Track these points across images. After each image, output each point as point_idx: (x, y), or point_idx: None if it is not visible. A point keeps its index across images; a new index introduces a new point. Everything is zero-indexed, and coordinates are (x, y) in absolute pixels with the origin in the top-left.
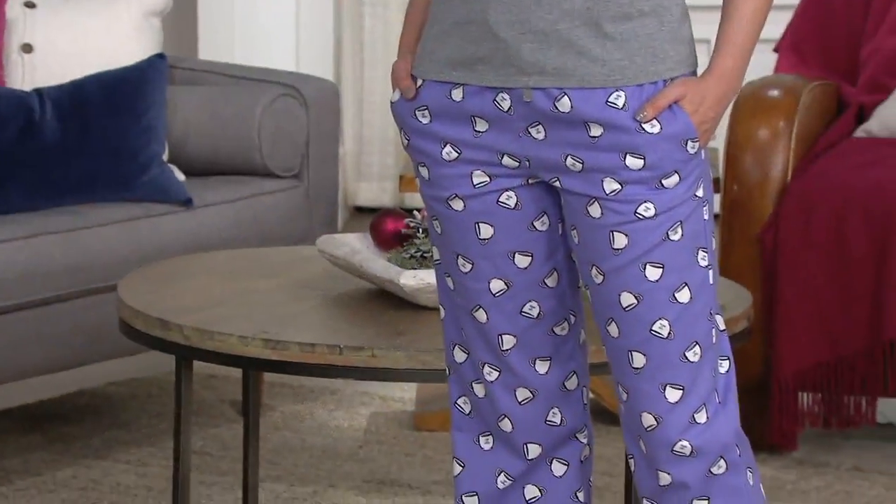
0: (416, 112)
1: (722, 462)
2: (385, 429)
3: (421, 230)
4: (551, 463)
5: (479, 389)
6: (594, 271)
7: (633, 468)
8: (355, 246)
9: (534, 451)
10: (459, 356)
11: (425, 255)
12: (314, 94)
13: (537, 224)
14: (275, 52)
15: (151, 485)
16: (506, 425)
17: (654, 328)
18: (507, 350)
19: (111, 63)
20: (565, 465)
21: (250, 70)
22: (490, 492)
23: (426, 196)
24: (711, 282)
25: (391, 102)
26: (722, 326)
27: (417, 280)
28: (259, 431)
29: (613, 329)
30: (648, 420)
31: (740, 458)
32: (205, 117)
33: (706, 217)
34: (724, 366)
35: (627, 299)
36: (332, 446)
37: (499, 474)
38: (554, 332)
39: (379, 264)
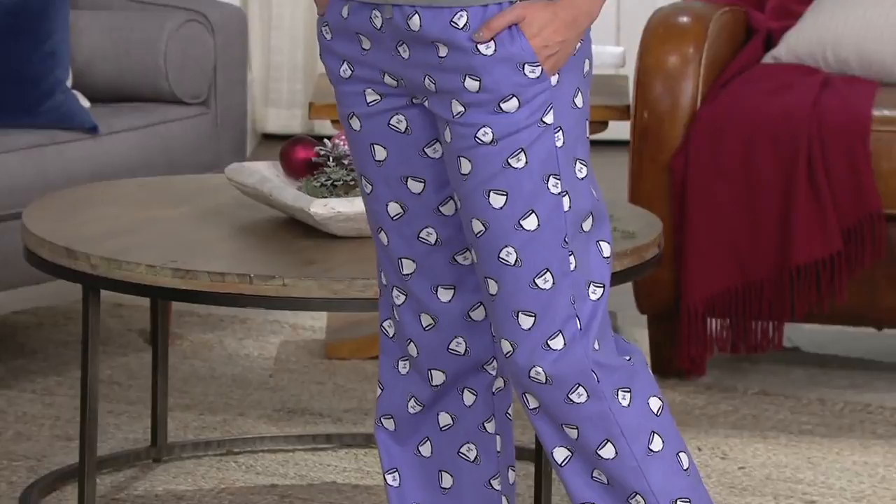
0: (322, 28)
1: (581, 390)
2: (295, 357)
3: (331, 158)
4: (462, 392)
5: (397, 312)
6: (456, 197)
7: None
8: (265, 174)
9: (438, 377)
10: (385, 279)
11: (336, 183)
12: (221, 20)
13: (429, 151)
14: None
15: (58, 414)
16: (412, 350)
17: (500, 255)
18: (408, 275)
19: None
20: (474, 394)
21: None
22: (403, 416)
23: (339, 114)
24: (567, 209)
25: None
26: (606, 254)
27: (328, 209)
28: (168, 360)
29: (473, 256)
30: (506, 346)
31: (600, 385)
32: (109, 43)
33: (559, 144)
34: (597, 293)
35: (476, 226)
36: (241, 375)
37: (409, 399)
38: (456, 260)
39: (289, 193)
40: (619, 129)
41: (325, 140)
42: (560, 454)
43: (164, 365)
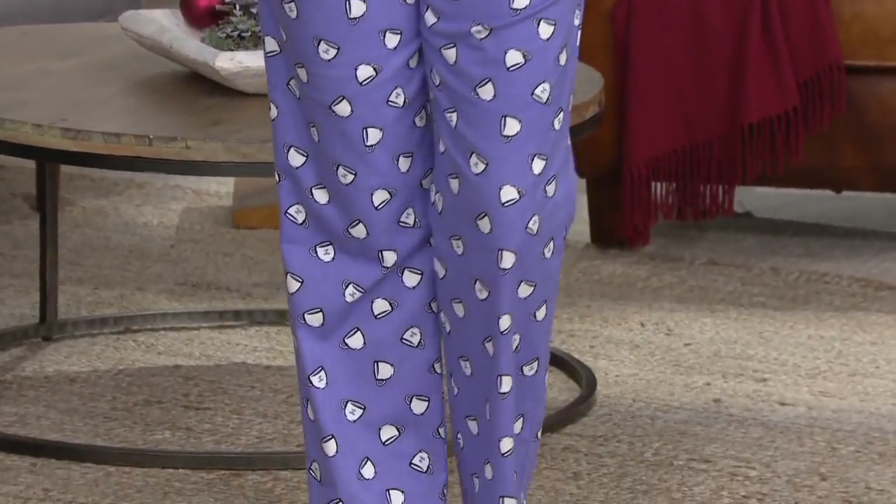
0: None
1: (552, 244)
2: (199, 226)
3: (238, 7)
4: (402, 273)
5: (320, 195)
6: (476, 28)
7: (460, 250)
8: (164, 23)
9: (390, 258)
10: (296, 159)
11: (243, 34)
12: None
13: None
14: None
15: None
16: (359, 231)
17: (536, 91)
18: (372, 146)
19: None
20: (418, 274)
21: None
22: (336, 306)
23: None
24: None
25: None
26: None
27: (235, 63)
28: (57, 229)
29: (488, 90)
30: (509, 194)
31: (563, 242)
32: None
33: None
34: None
35: (514, 58)
36: (140, 245)
37: (346, 286)
38: (415, 123)
39: (191, 45)
40: None
41: None
42: (505, 322)
43: (54, 234)
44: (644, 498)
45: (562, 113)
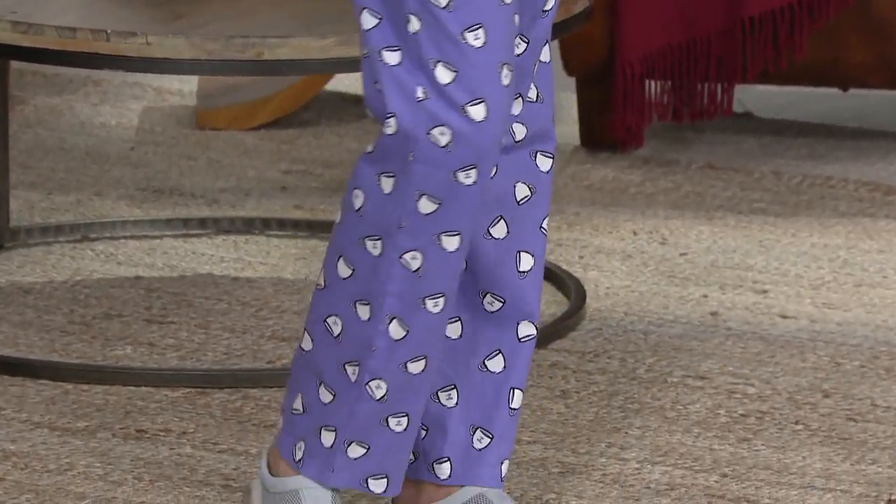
0: None
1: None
2: (161, 127)
3: None
4: None
5: (477, 111)
6: None
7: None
8: None
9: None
10: (445, 76)
11: None
12: None
13: None
14: None
15: None
16: (514, 130)
17: None
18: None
19: None
20: None
21: None
22: (475, 228)
23: None
24: None
25: None
26: None
27: None
28: (7, 129)
29: None
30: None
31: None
32: None
33: None
34: None
35: None
36: (97, 147)
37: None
38: None
39: None
40: None
41: None
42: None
43: (4, 135)
44: (636, 417)
45: None
